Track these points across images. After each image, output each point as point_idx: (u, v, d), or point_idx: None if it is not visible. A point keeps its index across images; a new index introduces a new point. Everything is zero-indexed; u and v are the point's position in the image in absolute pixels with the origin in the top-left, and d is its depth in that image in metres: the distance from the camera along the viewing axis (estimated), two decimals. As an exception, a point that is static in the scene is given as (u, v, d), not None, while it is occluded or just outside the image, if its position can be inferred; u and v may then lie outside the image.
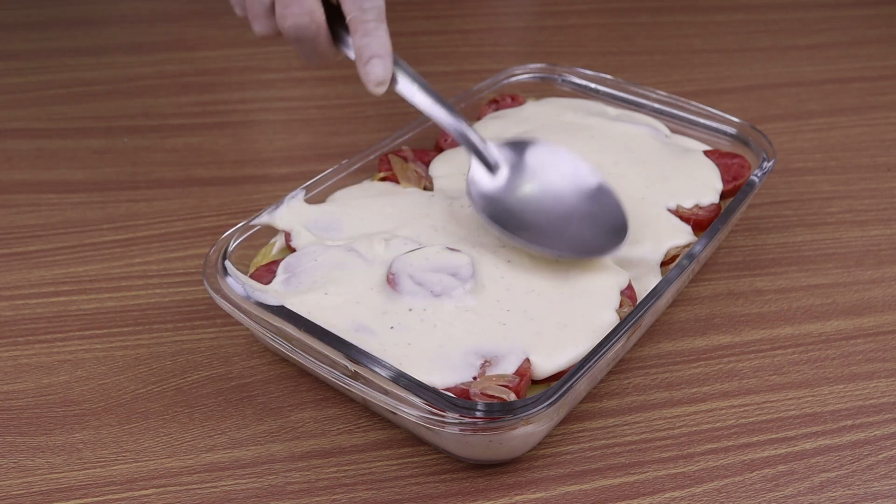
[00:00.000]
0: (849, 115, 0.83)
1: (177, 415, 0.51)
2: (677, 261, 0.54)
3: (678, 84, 0.88)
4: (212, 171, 0.73)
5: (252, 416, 0.51)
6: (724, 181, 0.62)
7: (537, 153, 0.57)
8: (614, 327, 0.48)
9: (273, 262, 0.54)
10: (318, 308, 0.49)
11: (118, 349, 0.55)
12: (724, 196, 0.61)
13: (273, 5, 0.53)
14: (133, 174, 0.72)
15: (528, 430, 0.45)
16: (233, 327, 0.57)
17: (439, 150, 0.66)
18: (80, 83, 0.86)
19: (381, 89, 0.53)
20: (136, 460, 0.48)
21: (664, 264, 0.55)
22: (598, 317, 0.50)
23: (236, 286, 0.50)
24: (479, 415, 0.43)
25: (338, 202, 0.59)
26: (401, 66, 0.54)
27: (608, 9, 1.06)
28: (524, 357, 0.47)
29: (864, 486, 0.47)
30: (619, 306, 0.51)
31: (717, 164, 0.63)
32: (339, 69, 0.89)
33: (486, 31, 1.01)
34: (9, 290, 0.60)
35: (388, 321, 0.49)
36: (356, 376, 0.46)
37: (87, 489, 0.47)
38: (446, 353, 0.47)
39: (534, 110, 0.70)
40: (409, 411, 0.43)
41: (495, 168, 0.56)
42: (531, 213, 0.55)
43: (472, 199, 0.55)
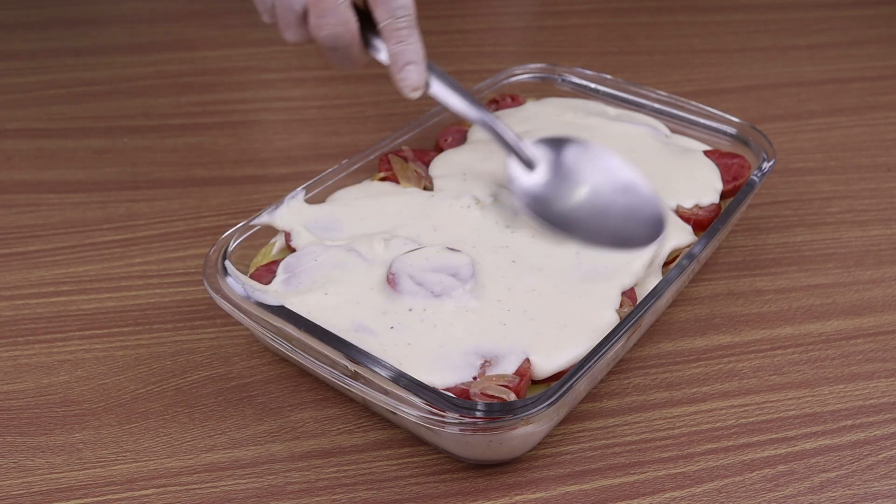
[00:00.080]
0: (849, 115, 0.83)
1: (177, 415, 0.51)
2: (677, 261, 0.54)
3: (678, 84, 0.88)
4: (212, 171, 0.73)
5: (252, 416, 0.51)
6: (724, 181, 0.62)
7: (572, 150, 0.58)
8: (614, 327, 0.48)
9: (273, 262, 0.54)
10: (318, 308, 0.49)
11: (118, 349, 0.55)
12: (724, 196, 0.61)
13: (305, 14, 0.53)
14: (133, 174, 0.72)
15: (528, 430, 0.45)
16: (233, 327, 0.57)
17: (439, 150, 0.66)
18: (80, 83, 0.86)
19: (417, 94, 0.54)
20: (136, 460, 0.48)
21: (664, 264, 0.56)
22: (598, 317, 0.50)
23: (236, 286, 0.50)
24: (479, 415, 0.43)
25: (338, 202, 0.59)
26: (433, 69, 0.55)
27: (608, 9, 1.06)
28: (524, 357, 0.47)
29: (864, 486, 0.47)
30: (620, 306, 0.51)
31: (717, 164, 0.63)
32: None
33: (486, 31, 1.01)
34: (9, 290, 0.60)
35: (388, 321, 0.49)
36: (356, 376, 0.46)
37: (87, 489, 0.47)
38: (446, 353, 0.47)
39: (534, 110, 0.70)
40: (409, 411, 0.43)
41: (532, 166, 0.57)
42: (572, 208, 0.56)
43: (515, 195, 0.56)
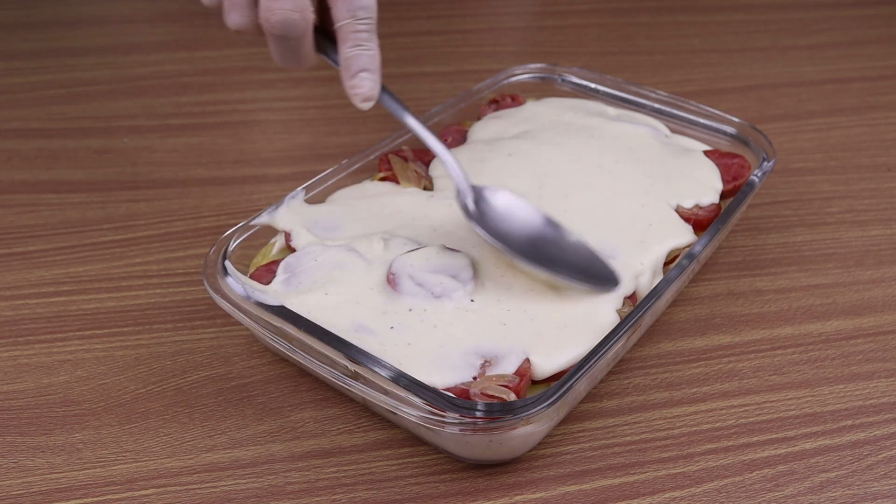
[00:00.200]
0: (849, 115, 0.83)
1: (177, 415, 0.51)
2: (677, 261, 0.54)
3: (678, 84, 0.88)
4: (212, 171, 0.73)
5: (252, 416, 0.51)
6: (724, 181, 0.62)
7: (520, 203, 0.54)
8: (614, 327, 0.48)
9: (273, 262, 0.54)
10: (318, 308, 0.49)
11: (118, 349, 0.55)
12: (724, 196, 0.61)
13: None
14: (133, 174, 0.72)
15: (528, 430, 0.45)
16: (233, 327, 0.57)
17: (439, 150, 0.66)
18: (80, 83, 0.86)
19: (368, 105, 0.50)
20: (136, 460, 0.48)
21: (664, 264, 0.55)
22: (598, 317, 0.50)
23: (236, 286, 0.50)
24: (479, 415, 0.43)
25: (338, 202, 0.59)
26: (384, 87, 0.52)
27: (608, 9, 1.06)
28: (524, 357, 0.47)
29: (864, 486, 0.47)
30: (620, 306, 0.51)
31: (717, 164, 0.63)
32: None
33: (486, 31, 1.00)
34: (9, 290, 0.60)
35: (388, 321, 0.49)
36: (356, 376, 0.46)
37: (87, 489, 0.47)
38: (446, 353, 0.47)
39: (534, 110, 0.70)
40: (409, 411, 0.43)
41: (478, 204, 0.53)
42: (521, 255, 0.51)
43: (469, 217, 0.52)
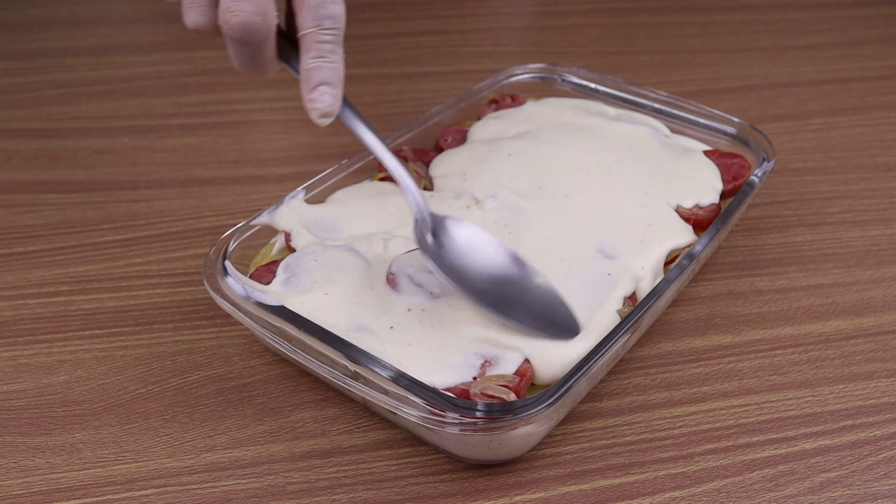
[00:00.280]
0: (849, 115, 0.83)
1: (177, 415, 0.51)
2: (677, 261, 0.54)
3: (678, 84, 0.88)
4: (212, 171, 0.73)
5: (252, 416, 0.51)
6: (724, 181, 0.62)
7: (481, 239, 0.51)
8: (614, 327, 0.48)
9: (273, 262, 0.54)
10: (318, 308, 0.49)
11: (118, 349, 0.55)
12: (724, 196, 0.61)
13: None
14: (133, 174, 0.72)
15: (528, 430, 0.45)
16: (233, 327, 0.57)
17: (439, 150, 0.66)
18: (80, 83, 0.86)
19: (326, 121, 0.47)
20: (136, 460, 0.48)
21: (665, 264, 0.55)
22: (598, 317, 0.50)
23: (236, 286, 0.50)
24: (479, 415, 0.43)
25: (338, 202, 0.59)
26: (347, 102, 0.49)
27: (608, 9, 1.06)
28: (524, 357, 0.47)
29: (864, 486, 0.47)
30: (620, 306, 0.51)
31: (717, 164, 0.63)
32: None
33: (486, 31, 1.00)
34: (9, 290, 0.60)
35: (387, 321, 0.49)
36: (356, 376, 0.46)
37: (87, 489, 0.47)
38: (446, 353, 0.47)
39: (534, 110, 0.70)
40: (409, 411, 0.43)
41: (436, 233, 0.50)
42: (476, 292, 0.49)
43: (424, 250, 0.49)
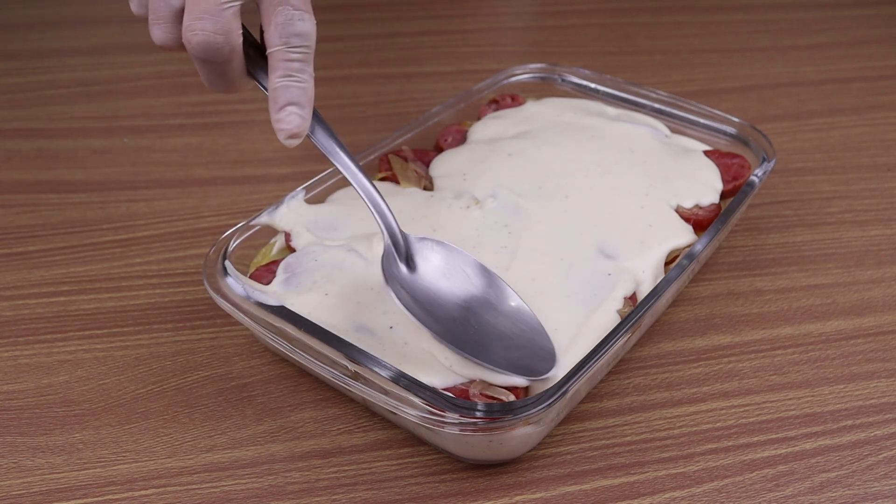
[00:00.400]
0: (849, 115, 0.83)
1: (177, 415, 0.51)
2: (677, 261, 0.54)
3: (678, 84, 0.88)
4: (212, 171, 0.73)
5: (252, 416, 0.51)
6: (724, 181, 0.62)
7: (460, 261, 0.50)
8: (614, 327, 0.48)
9: (273, 262, 0.54)
10: (318, 308, 0.49)
11: (118, 349, 0.55)
12: (724, 196, 0.61)
13: (182, 10, 0.43)
14: (133, 174, 0.72)
15: (528, 431, 0.45)
16: (233, 327, 0.57)
17: (439, 150, 0.66)
18: (80, 83, 0.86)
19: (293, 142, 0.45)
20: (136, 460, 0.48)
21: (665, 264, 0.55)
22: (598, 317, 0.50)
23: (236, 286, 0.50)
24: (478, 415, 0.43)
25: (338, 202, 0.59)
26: (318, 116, 0.47)
27: (608, 9, 1.06)
28: (524, 357, 0.47)
29: (864, 486, 0.47)
30: (620, 306, 0.51)
31: (717, 164, 0.63)
32: (339, 69, 0.89)
33: (486, 31, 1.00)
34: (9, 290, 0.60)
35: (387, 321, 0.49)
36: (356, 376, 0.46)
37: (87, 489, 0.47)
38: (446, 353, 0.47)
39: (534, 110, 0.70)
40: (409, 411, 0.43)
41: (408, 262, 0.48)
42: (449, 321, 0.47)
43: (388, 281, 0.46)
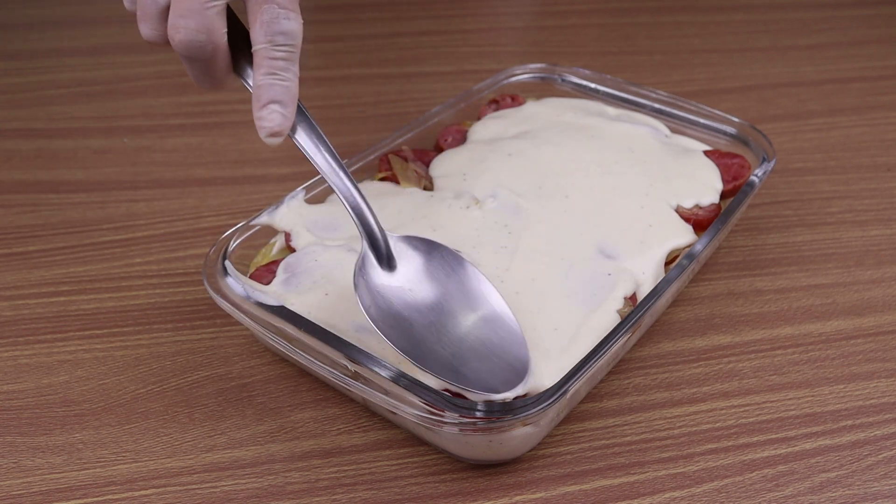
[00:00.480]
0: (849, 115, 0.83)
1: (177, 415, 0.51)
2: (677, 261, 0.54)
3: (678, 84, 0.88)
4: (212, 171, 0.73)
5: (252, 416, 0.51)
6: (724, 181, 0.62)
7: (442, 262, 0.49)
8: (614, 327, 0.48)
9: (273, 262, 0.54)
10: (318, 308, 0.49)
11: (118, 349, 0.55)
12: (724, 196, 0.61)
13: (168, 8, 0.43)
14: (133, 174, 0.72)
15: (528, 431, 0.45)
16: (233, 327, 0.57)
17: (439, 150, 0.66)
18: (80, 83, 0.86)
19: (276, 141, 0.45)
20: (136, 460, 0.48)
21: (665, 264, 0.55)
22: (597, 317, 0.50)
23: (236, 286, 0.50)
24: (478, 415, 0.43)
25: (338, 202, 0.59)
26: (305, 116, 0.47)
27: (608, 9, 1.06)
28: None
29: (864, 486, 0.47)
30: (620, 306, 0.51)
31: (717, 164, 0.63)
32: (339, 69, 0.89)
33: (486, 31, 1.00)
34: (9, 290, 0.60)
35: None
36: (356, 376, 0.46)
37: (87, 489, 0.47)
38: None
39: (534, 110, 0.70)
40: (409, 411, 0.43)
41: (392, 265, 0.48)
42: (423, 327, 0.46)
43: (357, 289, 0.46)
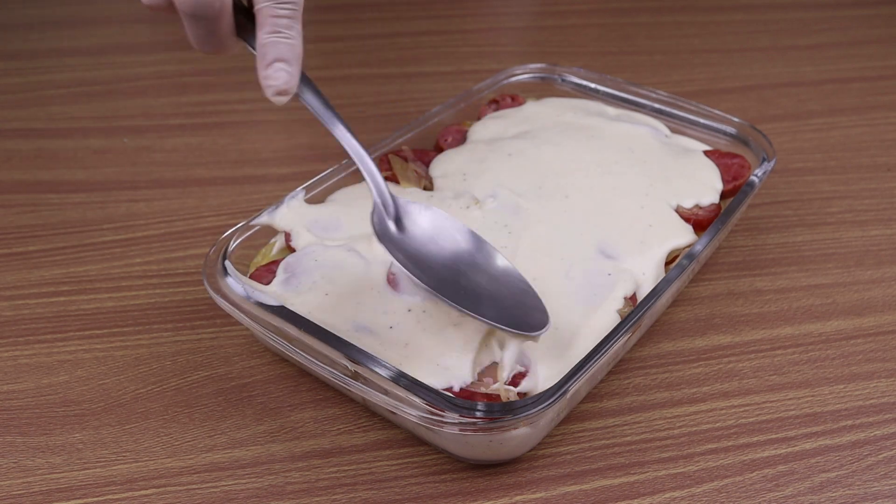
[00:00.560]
0: (849, 115, 0.83)
1: (177, 415, 0.51)
2: (677, 261, 0.54)
3: (678, 84, 0.88)
4: (212, 171, 0.73)
5: (252, 416, 0.51)
6: (724, 181, 0.62)
7: (448, 224, 0.50)
8: (614, 327, 0.48)
9: (273, 262, 0.54)
10: (318, 308, 0.49)
11: (118, 349, 0.55)
12: (724, 196, 0.61)
13: None
14: (133, 174, 0.72)
15: (528, 430, 0.45)
16: (233, 327, 0.57)
17: (439, 150, 0.66)
18: (80, 83, 0.86)
19: (283, 100, 0.45)
20: (136, 460, 0.48)
21: (665, 264, 0.55)
22: (598, 317, 0.50)
23: (236, 286, 0.50)
24: (478, 415, 0.43)
25: (338, 202, 0.59)
26: (307, 79, 0.47)
27: (608, 9, 1.06)
28: (523, 358, 0.47)
29: (864, 486, 0.47)
30: (620, 306, 0.51)
31: (717, 164, 0.63)
32: (339, 69, 0.89)
33: (486, 31, 1.01)
34: (9, 290, 0.60)
35: (387, 321, 0.49)
36: (356, 376, 0.46)
37: (87, 489, 0.47)
38: (446, 353, 0.47)
39: (534, 110, 0.70)
40: (409, 411, 0.43)
41: (398, 224, 0.48)
42: (442, 280, 0.47)
43: (380, 238, 0.47)
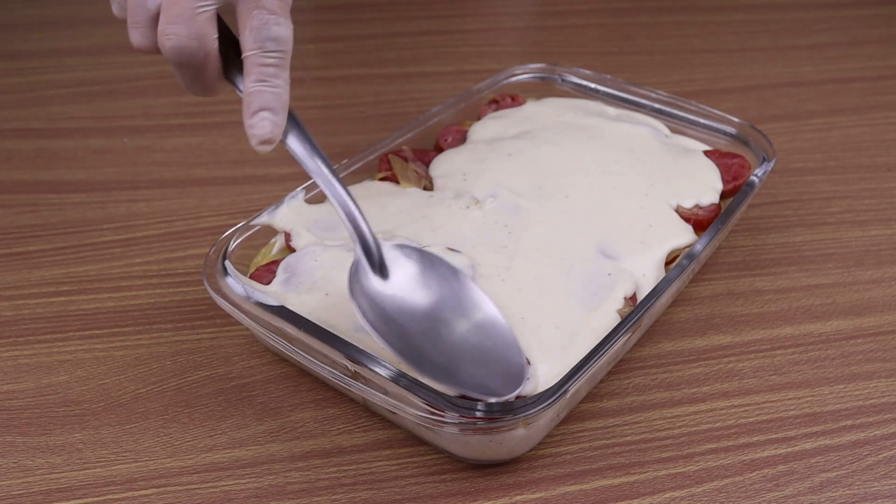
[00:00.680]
0: (849, 115, 0.83)
1: (177, 415, 0.51)
2: (677, 261, 0.54)
3: (678, 84, 0.88)
4: (212, 171, 0.73)
5: (252, 416, 0.51)
6: (724, 181, 0.62)
7: (434, 270, 0.49)
8: (614, 327, 0.48)
9: (273, 262, 0.54)
10: (318, 308, 0.49)
11: (118, 349, 0.55)
12: (724, 196, 0.61)
13: (158, 15, 0.43)
14: (133, 174, 0.72)
15: (527, 430, 0.45)
16: (233, 327, 0.57)
17: (439, 150, 0.66)
18: (80, 83, 0.86)
19: (267, 148, 0.44)
20: (136, 460, 0.48)
21: (665, 264, 0.55)
22: (598, 317, 0.50)
23: (236, 286, 0.50)
24: (478, 415, 0.43)
25: (337, 203, 0.59)
26: (296, 122, 0.46)
27: (608, 9, 1.06)
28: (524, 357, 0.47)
29: (864, 486, 0.47)
30: (620, 306, 0.51)
31: (717, 164, 0.63)
32: (339, 69, 0.89)
33: (486, 31, 1.00)
34: (9, 290, 0.60)
35: (387, 321, 0.49)
36: (356, 376, 0.46)
37: (87, 489, 0.47)
38: (446, 353, 0.47)
39: (534, 110, 0.70)
40: (409, 411, 0.43)
41: (382, 271, 0.47)
42: (419, 333, 0.46)
43: (352, 295, 0.45)
